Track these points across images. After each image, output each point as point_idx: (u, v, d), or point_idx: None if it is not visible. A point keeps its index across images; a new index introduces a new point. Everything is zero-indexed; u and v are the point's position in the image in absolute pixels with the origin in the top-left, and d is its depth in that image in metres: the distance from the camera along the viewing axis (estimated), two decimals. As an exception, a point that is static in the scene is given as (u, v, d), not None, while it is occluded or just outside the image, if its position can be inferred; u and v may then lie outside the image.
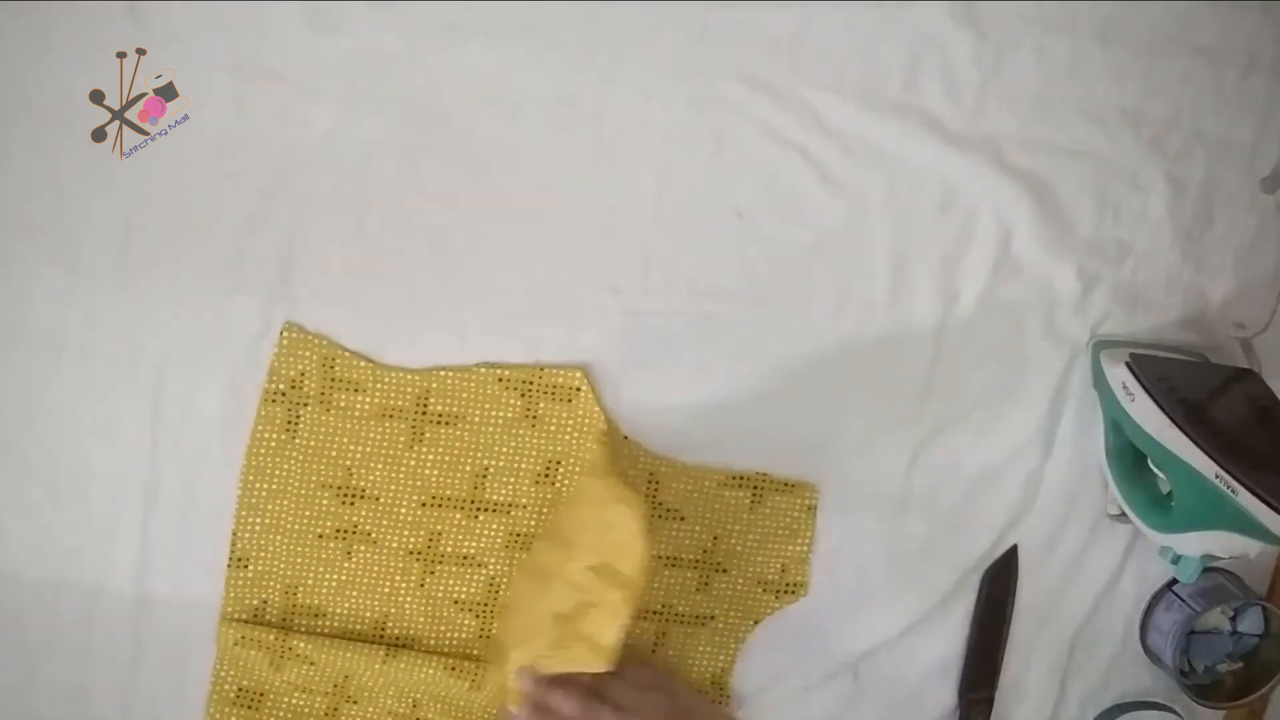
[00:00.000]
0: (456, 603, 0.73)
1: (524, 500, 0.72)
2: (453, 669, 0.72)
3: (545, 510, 0.72)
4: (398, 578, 0.72)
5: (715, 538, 0.75)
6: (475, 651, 0.74)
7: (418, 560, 0.72)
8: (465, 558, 0.72)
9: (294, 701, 0.73)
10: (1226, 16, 0.72)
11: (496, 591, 0.73)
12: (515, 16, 0.67)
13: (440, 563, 0.72)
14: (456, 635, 0.73)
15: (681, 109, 0.69)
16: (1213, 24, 0.72)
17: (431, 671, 0.72)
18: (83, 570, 0.71)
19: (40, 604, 0.71)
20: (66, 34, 0.64)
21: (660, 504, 0.74)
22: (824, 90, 0.70)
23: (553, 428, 0.72)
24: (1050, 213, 0.73)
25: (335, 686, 0.73)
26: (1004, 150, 0.72)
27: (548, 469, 0.72)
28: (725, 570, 0.75)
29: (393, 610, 0.73)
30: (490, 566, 0.73)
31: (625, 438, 0.73)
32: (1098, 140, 0.73)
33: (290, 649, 0.71)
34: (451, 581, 0.73)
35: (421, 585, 0.72)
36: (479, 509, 0.72)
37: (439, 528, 0.72)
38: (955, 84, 0.71)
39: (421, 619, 0.73)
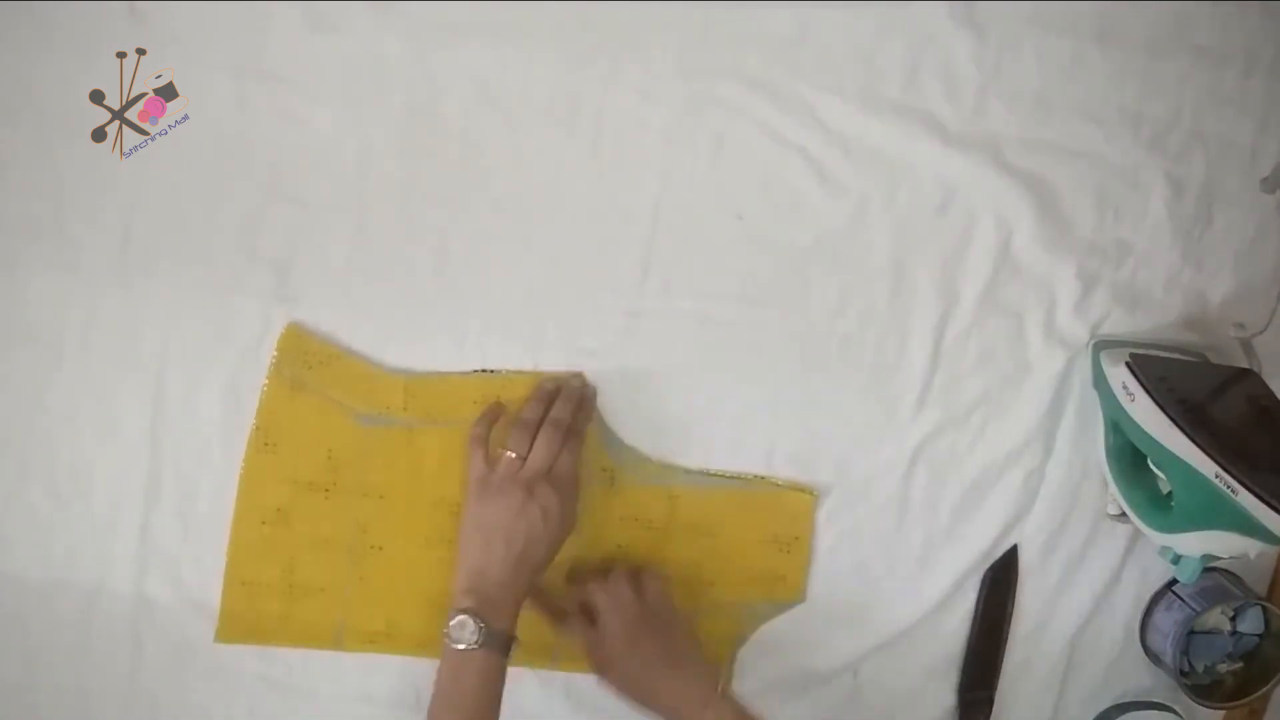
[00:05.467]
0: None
1: None
2: None
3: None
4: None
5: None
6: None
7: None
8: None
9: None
10: (1226, 16, 0.72)
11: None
12: (515, 17, 0.67)
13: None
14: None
15: (681, 110, 0.69)
16: (1213, 24, 0.72)
17: None
18: (83, 570, 0.71)
19: (40, 604, 0.71)
20: (66, 34, 0.64)
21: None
22: (824, 91, 0.70)
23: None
24: (1050, 213, 0.73)
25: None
26: (1004, 150, 0.72)
27: None
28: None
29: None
30: None
31: (623, 442, 0.73)
32: (1098, 140, 0.73)
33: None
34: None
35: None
36: None
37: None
38: (955, 84, 0.71)
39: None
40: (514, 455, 0.67)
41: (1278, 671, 0.80)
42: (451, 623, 0.63)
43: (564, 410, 0.68)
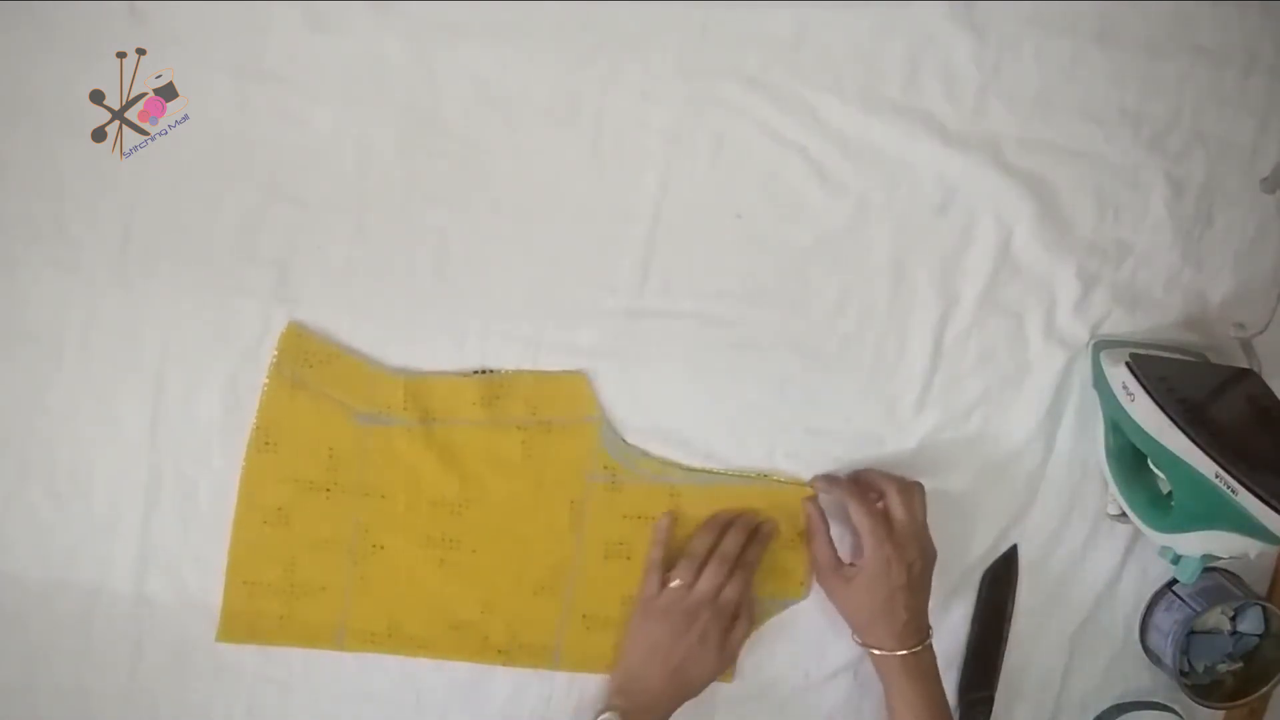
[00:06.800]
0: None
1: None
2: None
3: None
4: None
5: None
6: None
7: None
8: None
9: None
10: (1226, 16, 0.72)
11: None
12: (515, 17, 0.67)
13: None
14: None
15: (681, 110, 0.69)
16: (1213, 24, 0.72)
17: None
18: (83, 570, 0.71)
19: (40, 604, 0.71)
20: (66, 34, 0.64)
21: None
22: (824, 91, 0.70)
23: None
24: (1050, 213, 0.73)
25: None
26: (1004, 150, 0.72)
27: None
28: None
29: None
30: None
31: (624, 441, 0.73)
32: (1098, 140, 0.73)
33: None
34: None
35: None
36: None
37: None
38: (955, 84, 0.71)
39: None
40: (680, 583, 0.70)
41: (1278, 671, 0.80)
42: (600, 717, 0.68)
43: (733, 543, 0.72)
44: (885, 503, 0.72)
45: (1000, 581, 0.79)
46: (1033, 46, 0.71)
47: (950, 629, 0.79)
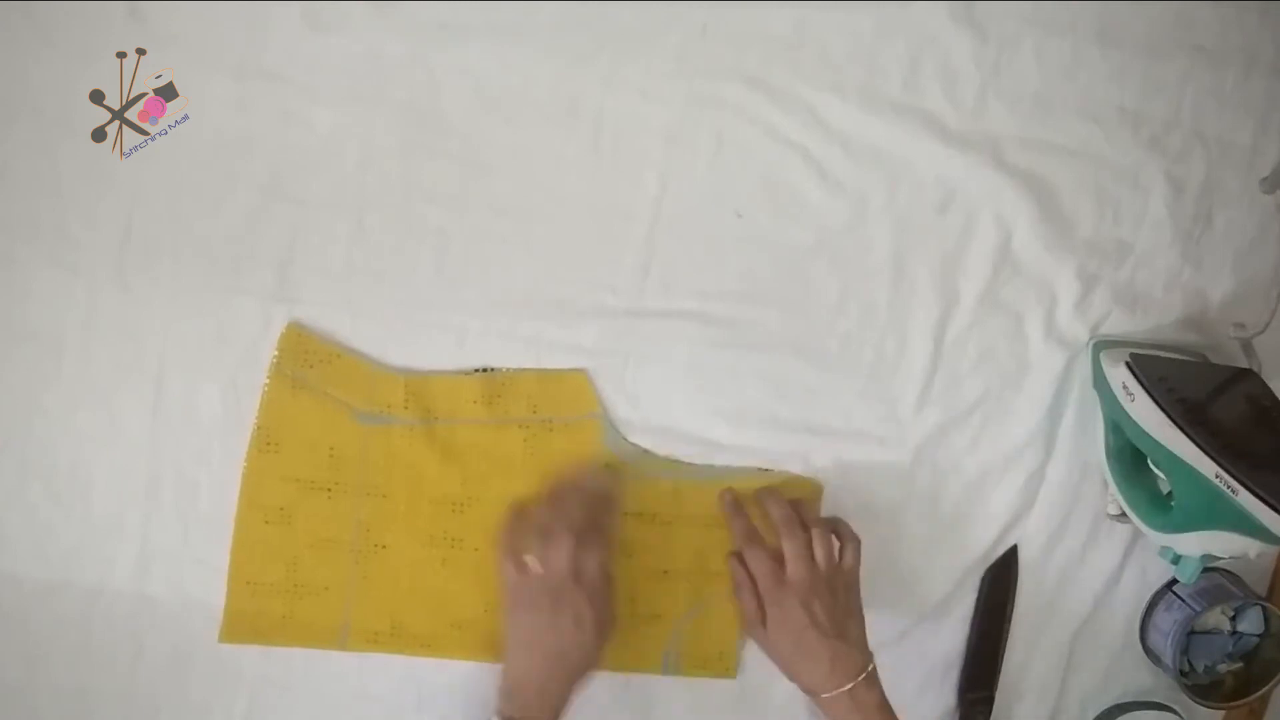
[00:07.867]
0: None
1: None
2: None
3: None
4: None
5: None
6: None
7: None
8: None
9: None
10: (1226, 16, 0.72)
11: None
12: (515, 17, 0.67)
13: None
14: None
15: (681, 109, 0.69)
16: (1213, 24, 0.72)
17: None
18: (83, 570, 0.71)
19: (41, 604, 0.71)
20: (66, 34, 0.64)
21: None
22: (824, 90, 0.70)
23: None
24: (1050, 213, 0.73)
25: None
26: (1004, 150, 0.72)
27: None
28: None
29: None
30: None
31: (626, 439, 0.73)
32: (1098, 140, 0.73)
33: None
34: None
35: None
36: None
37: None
38: (955, 84, 0.71)
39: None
40: (536, 562, 0.67)
41: (1277, 671, 0.80)
42: None
43: (574, 511, 0.68)
44: (781, 552, 0.69)
45: (1000, 581, 0.79)
46: (1033, 46, 0.71)
47: (950, 629, 0.79)
